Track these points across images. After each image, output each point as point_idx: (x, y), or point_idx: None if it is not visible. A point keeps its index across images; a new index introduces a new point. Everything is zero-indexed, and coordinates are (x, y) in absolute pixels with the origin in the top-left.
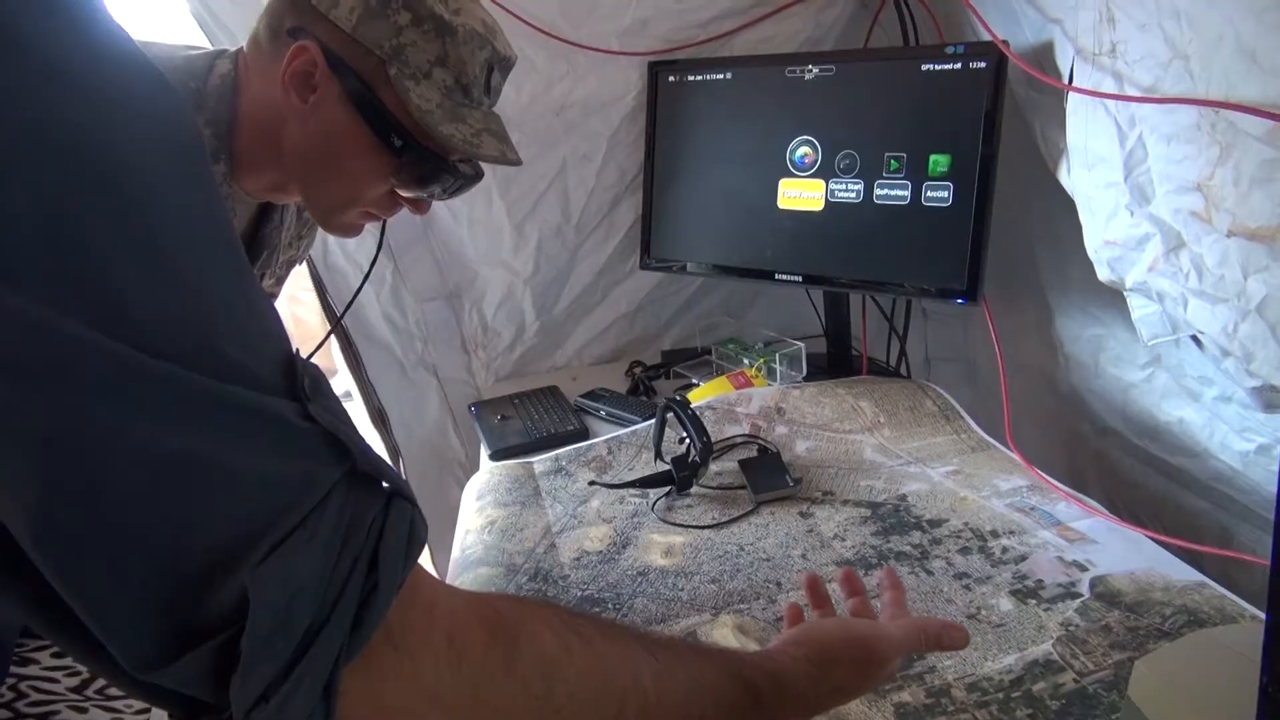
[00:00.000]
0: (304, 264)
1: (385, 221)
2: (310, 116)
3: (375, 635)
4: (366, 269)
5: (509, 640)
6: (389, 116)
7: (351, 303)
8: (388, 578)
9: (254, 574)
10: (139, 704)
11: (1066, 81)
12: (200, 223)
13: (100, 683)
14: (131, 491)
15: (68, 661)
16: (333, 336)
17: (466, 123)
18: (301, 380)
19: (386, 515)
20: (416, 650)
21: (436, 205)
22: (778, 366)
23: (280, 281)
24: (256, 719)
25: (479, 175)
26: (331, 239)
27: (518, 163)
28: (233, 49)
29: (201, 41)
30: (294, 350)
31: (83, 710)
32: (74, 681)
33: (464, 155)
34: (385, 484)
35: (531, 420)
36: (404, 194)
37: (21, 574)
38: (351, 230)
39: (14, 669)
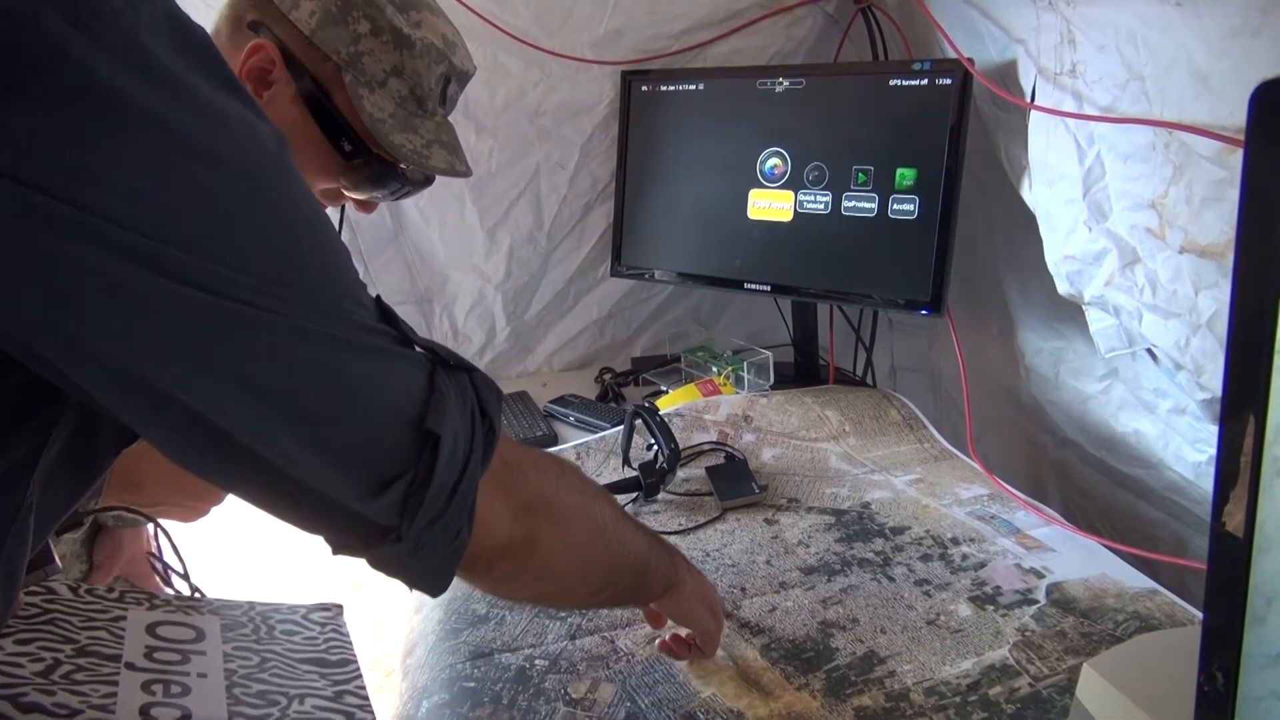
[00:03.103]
0: None
1: (345, 217)
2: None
3: (495, 459)
4: None
5: (552, 456)
6: (341, 121)
7: None
8: (496, 418)
9: (431, 420)
10: (105, 688)
11: (1029, 100)
12: (310, 200)
13: (66, 668)
14: (356, 378)
15: (32, 649)
16: None
17: (418, 133)
18: (389, 313)
19: (474, 380)
20: (521, 465)
21: (408, 210)
22: (746, 375)
23: None
24: (424, 538)
25: (428, 182)
26: None
27: (466, 174)
28: None
29: None
30: (377, 294)
31: (50, 693)
32: (39, 667)
33: (413, 164)
34: (457, 365)
35: None
36: (350, 194)
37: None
38: None
39: None
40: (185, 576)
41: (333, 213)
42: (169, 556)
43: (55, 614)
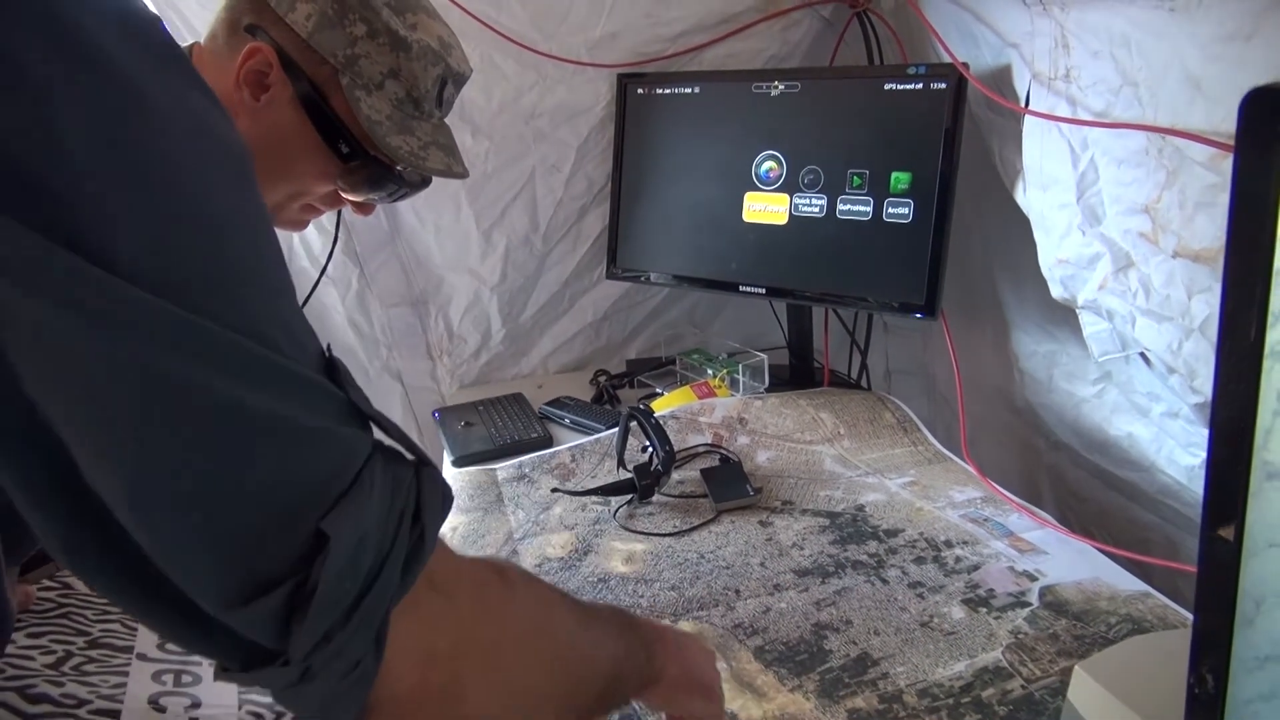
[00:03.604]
0: None
1: (341, 219)
2: (261, 115)
3: (419, 581)
4: (323, 264)
5: (509, 581)
6: (338, 124)
7: (308, 298)
8: (433, 526)
9: (330, 519)
10: (115, 679)
11: (1023, 104)
12: (255, 221)
13: (77, 660)
14: (225, 449)
15: (43, 642)
16: None
17: (415, 135)
18: (338, 369)
19: (419, 476)
20: (453, 591)
21: (404, 211)
22: (741, 377)
23: None
24: (315, 661)
25: (425, 183)
26: (296, 244)
27: (463, 175)
28: (187, 44)
29: None
30: (326, 345)
31: (59, 684)
32: (50, 659)
33: (410, 166)
34: (412, 456)
35: (495, 427)
36: (348, 196)
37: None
38: (297, 225)
39: None
40: None
41: (329, 214)
42: None
43: (70, 608)
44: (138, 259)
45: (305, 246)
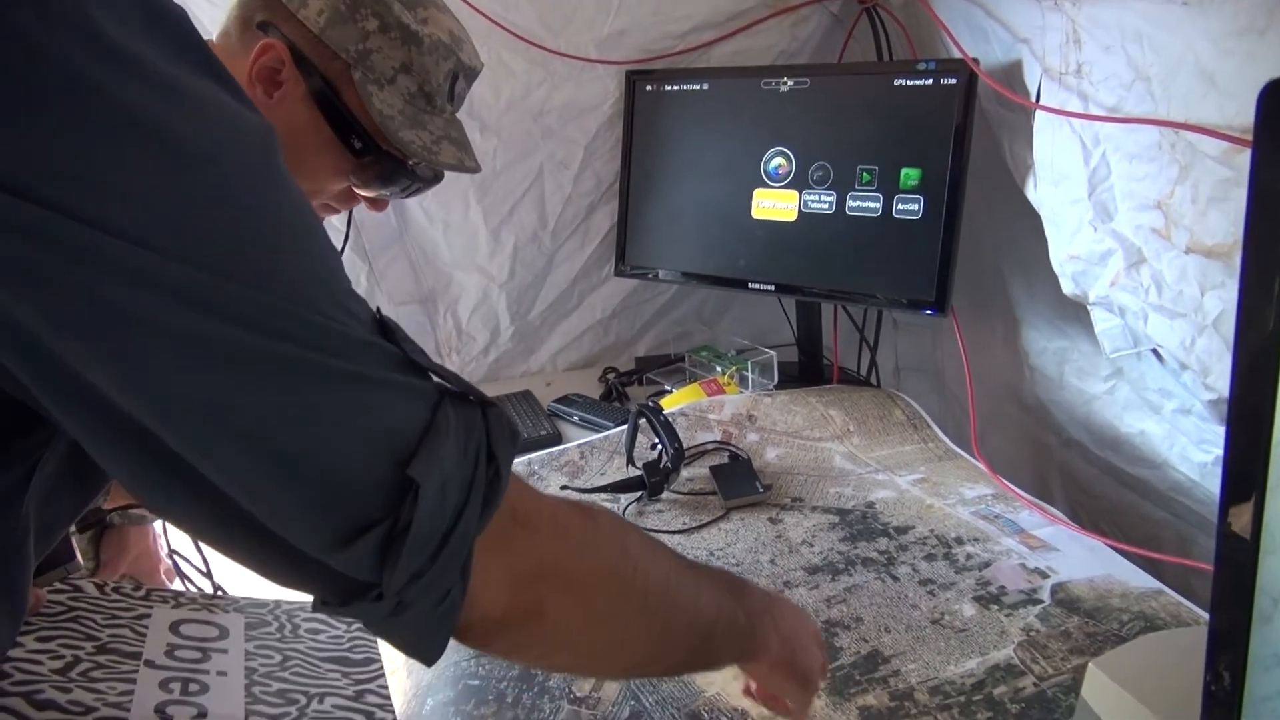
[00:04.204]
0: None
1: (352, 217)
2: (274, 111)
3: (501, 513)
4: None
5: (593, 519)
6: (351, 119)
7: None
8: (506, 463)
9: (415, 464)
10: (122, 685)
11: (1034, 99)
12: (292, 202)
13: (84, 665)
14: (325, 408)
15: (52, 646)
16: None
17: (427, 129)
18: (390, 328)
19: (486, 417)
20: (534, 523)
21: (412, 209)
22: (750, 374)
23: None
24: (407, 595)
25: (438, 178)
26: None
27: (475, 170)
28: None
29: None
30: (377, 308)
31: (66, 691)
32: (58, 664)
33: (422, 161)
34: (474, 398)
35: None
36: (361, 192)
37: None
38: None
39: None
40: (208, 575)
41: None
42: (189, 554)
43: (79, 612)
44: (196, 249)
45: None
